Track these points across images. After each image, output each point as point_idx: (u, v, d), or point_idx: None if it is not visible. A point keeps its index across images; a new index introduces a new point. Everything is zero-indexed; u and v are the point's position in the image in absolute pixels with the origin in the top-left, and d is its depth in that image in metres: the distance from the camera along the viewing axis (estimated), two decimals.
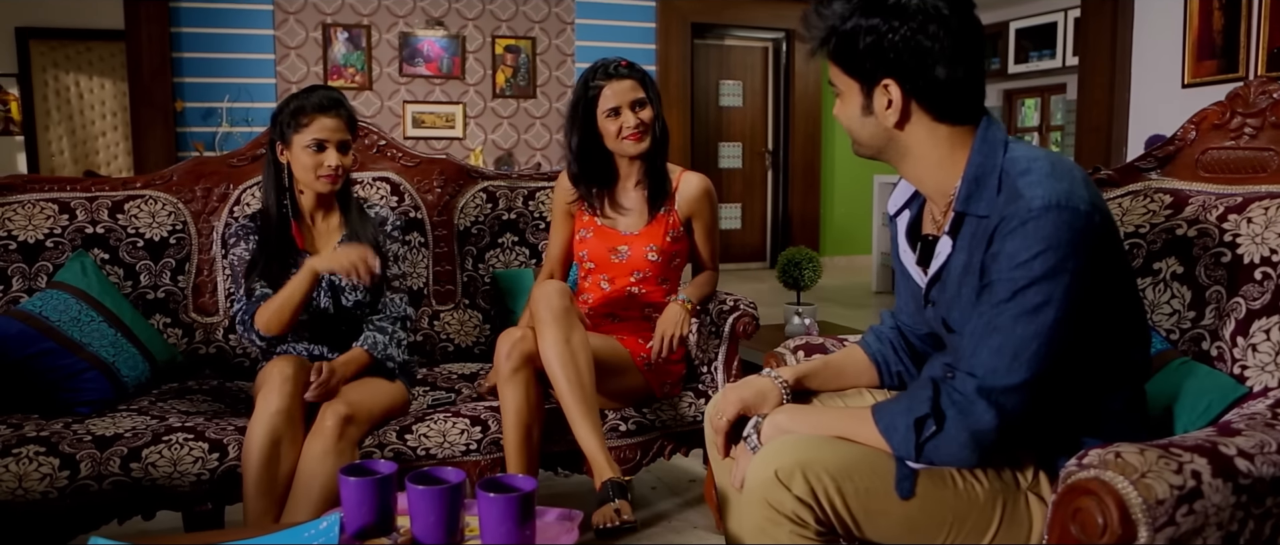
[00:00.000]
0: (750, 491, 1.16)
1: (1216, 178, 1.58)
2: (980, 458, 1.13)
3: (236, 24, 6.05)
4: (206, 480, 1.83)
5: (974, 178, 1.18)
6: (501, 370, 1.95)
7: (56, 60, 7.76)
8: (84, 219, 2.26)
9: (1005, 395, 1.10)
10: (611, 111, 2.14)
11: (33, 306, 2.04)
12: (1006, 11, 7.36)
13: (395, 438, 1.95)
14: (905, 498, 1.15)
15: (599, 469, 1.90)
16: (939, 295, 1.27)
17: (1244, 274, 1.42)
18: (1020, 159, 1.16)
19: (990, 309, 1.12)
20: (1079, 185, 1.12)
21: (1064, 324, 1.09)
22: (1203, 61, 4.30)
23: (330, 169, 2.00)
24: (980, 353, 1.12)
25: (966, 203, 1.18)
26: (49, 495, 1.75)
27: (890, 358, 1.46)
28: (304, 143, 1.99)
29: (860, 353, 1.49)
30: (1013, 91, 7.95)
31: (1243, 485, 1.03)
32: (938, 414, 1.13)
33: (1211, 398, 1.32)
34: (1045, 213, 1.08)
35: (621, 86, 2.13)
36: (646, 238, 2.20)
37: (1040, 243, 1.08)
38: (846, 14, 1.18)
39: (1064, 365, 1.13)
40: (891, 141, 1.23)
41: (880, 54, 1.16)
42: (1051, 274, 1.08)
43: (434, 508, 1.30)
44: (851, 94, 1.22)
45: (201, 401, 2.12)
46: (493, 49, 6.64)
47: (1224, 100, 1.60)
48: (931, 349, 1.45)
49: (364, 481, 1.33)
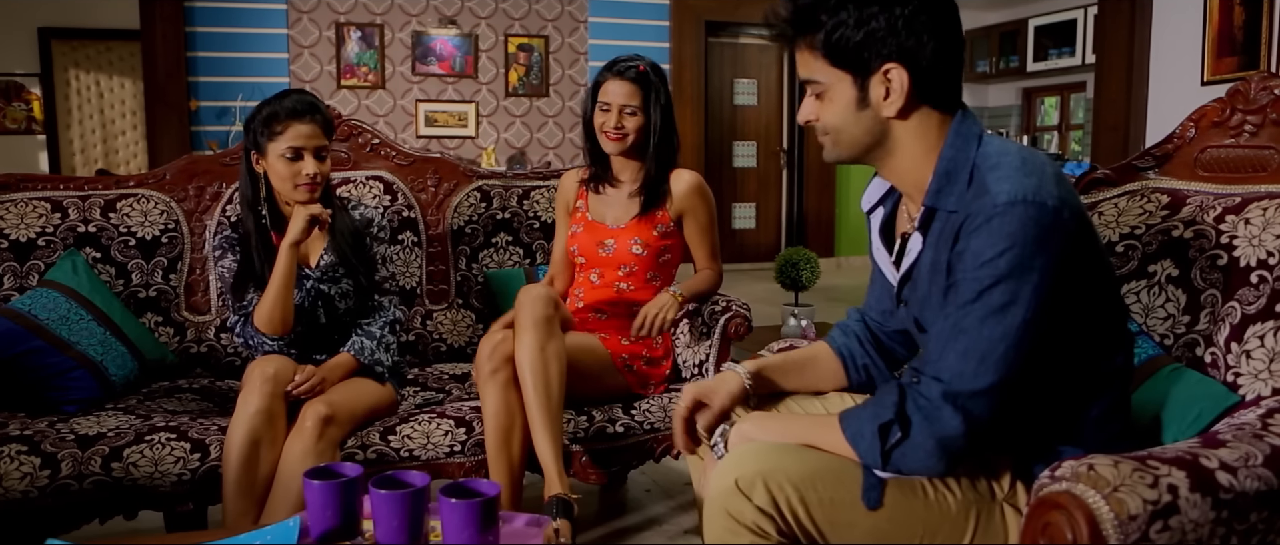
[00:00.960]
0: (711, 501, 1.13)
1: (1215, 177, 1.53)
2: (948, 465, 1.09)
3: (250, 23, 6.09)
4: (187, 480, 1.82)
5: (944, 172, 1.14)
6: (481, 371, 1.93)
7: (77, 60, 7.85)
8: (76, 217, 2.26)
9: (972, 400, 1.06)
10: (603, 105, 2.17)
11: (22, 305, 2.04)
12: (1026, 9, 7.25)
13: (378, 439, 1.93)
14: (872, 508, 1.11)
15: (550, 482, 1.87)
16: (911, 294, 1.23)
17: (1240, 277, 1.36)
18: (992, 153, 1.11)
19: (956, 310, 1.08)
20: (1049, 181, 1.07)
21: (1032, 324, 1.05)
22: (1223, 58, 4.20)
23: (308, 178, 1.94)
24: (946, 356, 1.08)
25: (936, 197, 1.14)
26: (29, 494, 1.74)
27: (856, 351, 1.42)
28: (279, 151, 1.93)
29: (826, 348, 1.45)
30: (1032, 90, 7.84)
31: (1223, 500, 0.98)
32: (903, 420, 1.09)
33: (1202, 406, 1.27)
34: (1010, 208, 1.04)
35: (620, 87, 2.16)
36: (632, 231, 2.20)
37: (1005, 240, 1.04)
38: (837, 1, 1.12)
39: (1035, 368, 1.08)
40: (885, 136, 1.17)
41: (884, 38, 1.11)
42: (1017, 272, 1.04)
43: (397, 512, 1.27)
44: (840, 88, 1.15)
45: (190, 400, 2.12)
46: (505, 47, 6.63)
47: (1224, 96, 1.54)
48: (900, 347, 1.41)
49: (327, 484, 1.31)
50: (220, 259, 2.03)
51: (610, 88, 2.16)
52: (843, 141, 1.19)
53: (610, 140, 2.17)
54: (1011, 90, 7.98)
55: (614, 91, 2.15)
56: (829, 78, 1.16)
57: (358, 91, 6.36)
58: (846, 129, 1.17)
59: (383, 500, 1.27)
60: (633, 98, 2.15)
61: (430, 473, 1.95)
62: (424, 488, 1.30)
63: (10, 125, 7.69)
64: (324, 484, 1.31)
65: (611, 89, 2.16)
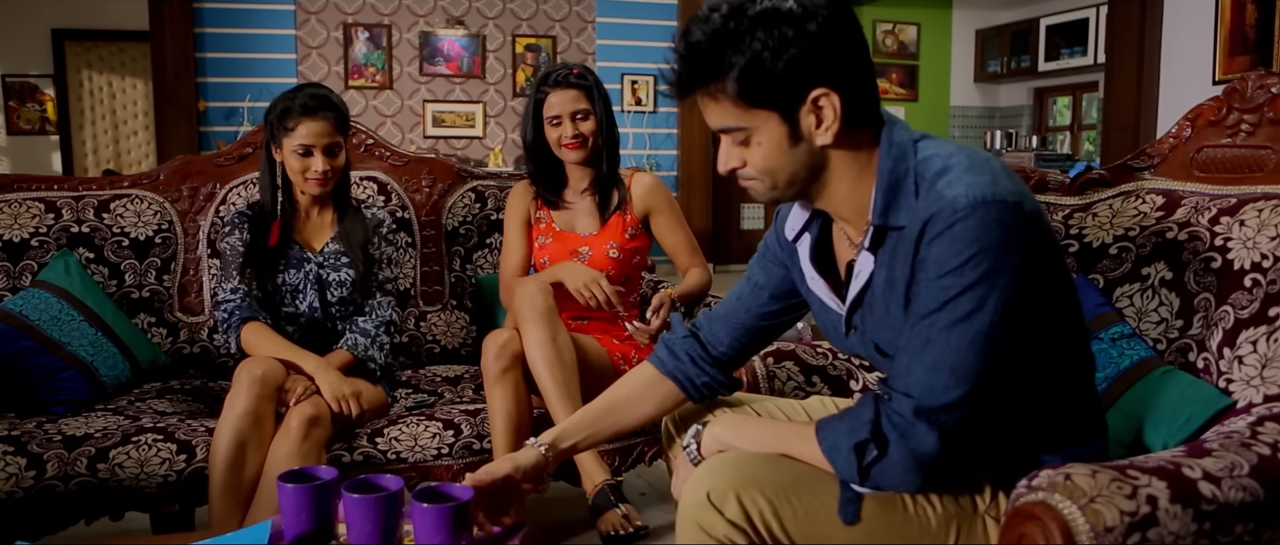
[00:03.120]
0: (682, 513, 1.10)
1: (1211, 177, 1.49)
2: (926, 480, 1.06)
3: (259, 24, 6.11)
4: (173, 481, 1.82)
5: (888, 187, 1.07)
6: (489, 372, 1.92)
7: (90, 61, 7.91)
8: (70, 218, 2.27)
9: (946, 413, 1.02)
10: (553, 119, 2.15)
11: (13, 305, 2.04)
12: (1037, 8, 7.19)
13: (366, 441, 1.92)
14: (849, 523, 1.08)
15: (589, 473, 1.87)
16: (864, 319, 1.16)
17: (1233, 281, 1.33)
18: (933, 158, 1.05)
19: (921, 321, 1.03)
20: (1001, 177, 1.02)
21: (1000, 328, 1.00)
22: (1235, 57, 4.14)
23: (318, 174, 1.99)
24: (914, 370, 1.03)
25: (884, 214, 1.07)
26: (14, 495, 1.74)
27: (692, 372, 1.36)
28: (292, 147, 1.98)
29: (650, 374, 1.38)
30: (1044, 89, 7.77)
31: (1206, 512, 0.95)
32: (879, 439, 1.05)
33: (1192, 409, 1.24)
34: (972, 211, 0.98)
35: (565, 96, 2.13)
36: (606, 236, 2.20)
37: (971, 245, 0.98)
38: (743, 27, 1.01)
39: (1008, 372, 1.04)
40: (822, 167, 1.08)
41: (806, 61, 1.02)
42: (985, 277, 0.99)
43: (369, 516, 1.26)
44: (766, 129, 1.05)
45: (181, 401, 2.11)
46: (513, 48, 6.63)
47: (1221, 95, 1.51)
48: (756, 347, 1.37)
49: (300, 488, 1.30)
50: (228, 234, 2.05)
51: (554, 100, 2.14)
52: (781, 182, 1.09)
53: (571, 150, 2.16)
54: (1023, 90, 7.91)
55: (560, 102, 2.13)
56: (749, 121, 1.06)
57: (365, 92, 6.37)
58: (783, 168, 1.08)
59: (355, 504, 1.26)
60: (580, 102, 2.14)
61: (417, 476, 1.95)
62: (397, 492, 1.28)
63: (24, 126, 7.76)
64: (297, 487, 1.30)
65: (556, 101, 2.14)
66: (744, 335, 1.36)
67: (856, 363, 1.68)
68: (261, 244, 2.04)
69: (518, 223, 2.28)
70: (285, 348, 1.94)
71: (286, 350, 1.93)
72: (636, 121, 6.84)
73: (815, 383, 1.62)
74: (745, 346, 1.37)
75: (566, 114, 2.13)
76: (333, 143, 2.00)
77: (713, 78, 1.05)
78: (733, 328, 1.36)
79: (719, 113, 1.07)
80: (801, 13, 1.01)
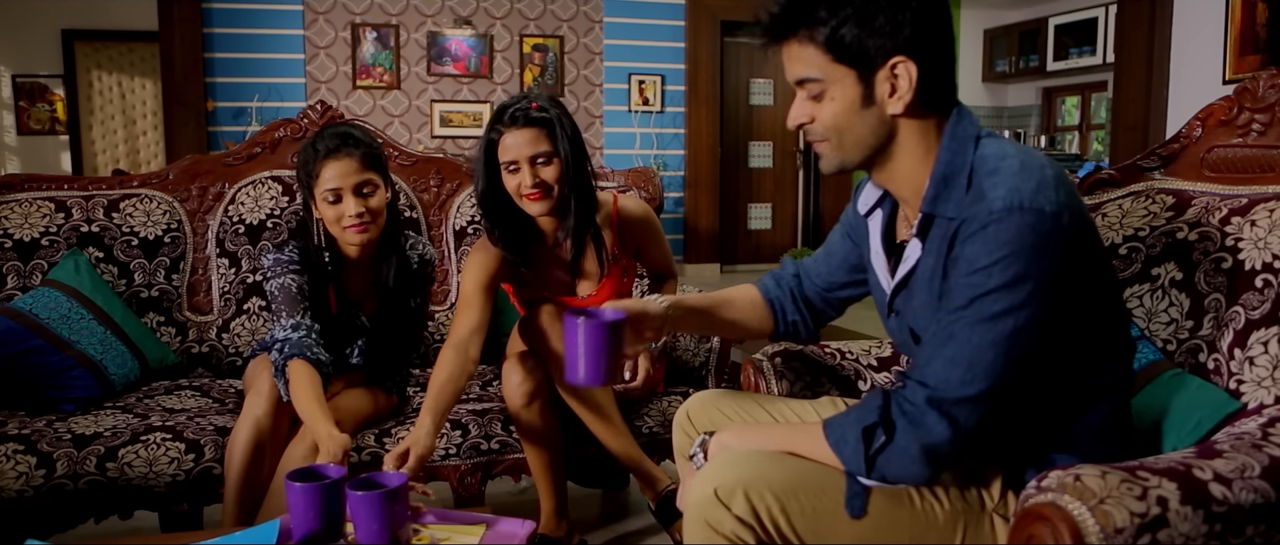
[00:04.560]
0: (689, 510, 1.10)
1: (1222, 177, 1.48)
2: (933, 472, 1.06)
3: (267, 24, 6.12)
4: (182, 481, 1.82)
5: (942, 176, 1.09)
6: (514, 404, 1.90)
7: (100, 61, 7.93)
8: (79, 217, 2.27)
9: (958, 407, 1.03)
10: (510, 165, 1.83)
11: (23, 304, 2.05)
12: (1046, 7, 7.16)
13: (373, 441, 1.93)
14: (856, 517, 1.08)
15: (651, 480, 1.93)
16: (905, 304, 1.19)
17: (1245, 281, 1.32)
18: (990, 157, 1.07)
19: (947, 315, 1.05)
20: (1048, 185, 1.03)
21: (1025, 333, 1.01)
22: (1245, 57, 4.12)
23: (354, 219, 1.82)
24: (934, 362, 1.05)
25: (934, 203, 1.10)
26: (24, 494, 1.75)
27: (787, 305, 1.43)
28: (321, 195, 1.83)
29: (755, 293, 1.45)
30: (1052, 89, 7.74)
31: (1216, 513, 0.95)
32: (887, 424, 1.06)
33: (1202, 414, 1.23)
34: (1007, 215, 1.00)
35: (520, 137, 1.81)
36: (606, 291, 2.00)
37: (1002, 248, 1.00)
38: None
39: (1028, 377, 1.05)
40: (890, 137, 1.12)
41: (892, 31, 1.06)
42: (1014, 281, 1.00)
43: (374, 513, 1.27)
44: (842, 86, 1.09)
45: (189, 399, 2.12)
46: (521, 48, 6.63)
47: (1232, 95, 1.50)
48: (833, 310, 1.44)
49: (308, 487, 1.30)
50: (276, 278, 1.89)
51: (509, 142, 1.81)
52: (847, 144, 1.12)
53: (533, 201, 1.83)
54: (1031, 90, 7.88)
55: (516, 145, 1.81)
56: (829, 75, 1.09)
57: (373, 92, 6.38)
58: (851, 129, 1.11)
59: (360, 502, 1.26)
60: (540, 143, 1.82)
61: (425, 475, 1.95)
62: (401, 487, 1.29)
63: (35, 126, 7.79)
64: (304, 486, 1.30)
65: (511, 143, 1.81)
66: (819, 296, 1.44)
67: (865, 363, 1.68)
68: (321, 307, 1.92)
69: (479, 291, 1.91)
70: (312, 405, 1.73)
71: (311, 409, 1.73)
72: (644, 121, 6.84)
73: (824, 383, 1.61)
74: (823, 305, 1.44)
75: (524, 158, 1.81)
76: (363, 181, 1.84)
77: (805, 24, 1.09)
78: (815, 285, 1.43)
79: (803, 61, 1.11)
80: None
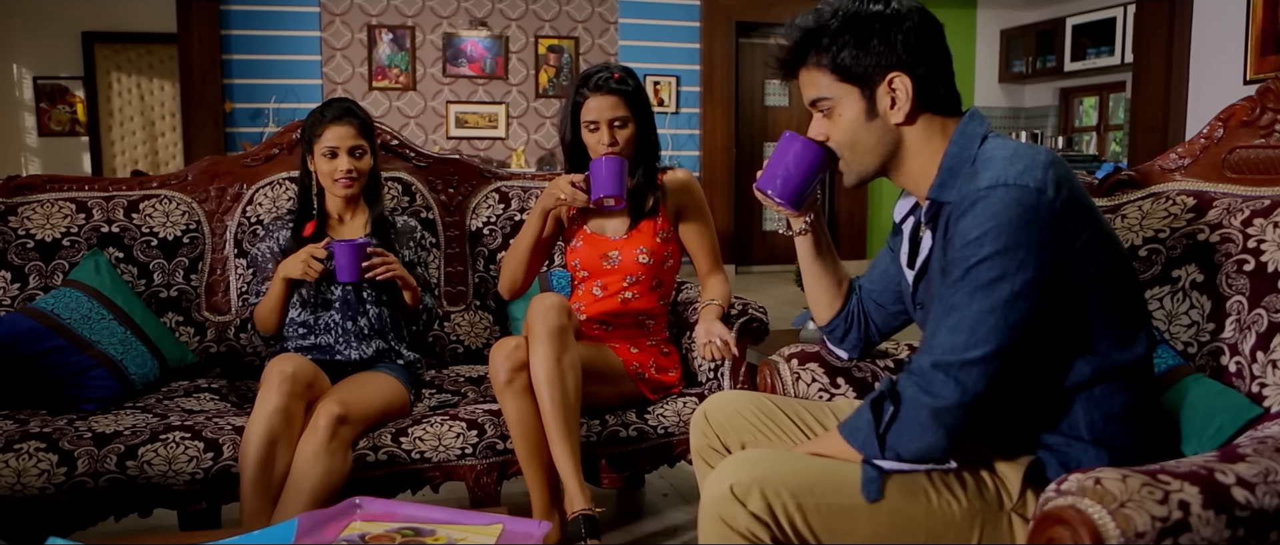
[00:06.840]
0: (704, 507, 1.11)
1: (1244, 179, 1.47)
2: (946, 440, 1.09)
3: (284, 26, 6.17)
4: (201, 479, 1.84)
5: (948, 168, 1.18)
6: (497, 381, 1.91)
7: (119, 63, 8.00)
8: (100, 218, 2.30)
9: (964, 370, 1.07)
10: (591, 125, 2.08)
11: (45, 304, 2.07)
12: (1063, 7, 7.12)
13: (390, 440, 1.93)
14: (872, 501, 1.09)
15: (572, 497, 1.85)
16: (926, 294, 1.25)
17: (1267, 283, 1.31)
18: (990, 149, 1.16)
19: (947, 289, 1.11)
20: (1037, 167, 1.09)
21: (1023, 297, 1.06)
22: (1267, 56, 4.08)
23: (343, 173, 2.12)
24: (939, 333, 1.10)
25: (940, 191, 1.18)
26: (46, 491, 1.76)
27: (855, 313, 1.51)
28: (320, 151, 2.13)
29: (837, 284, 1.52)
30: (1070, 90, 7.69)
31: (1239, 518, 0.94)
32: (895, 395, 1.11)
33: (1223, 419, 1.22)
34: (991, 191, 1.07)
35: (604, 102, 2.06)
36: (636, 240, 2.15)
37: (989, 220, 1.07)
38: (841, 19, 1.20)
39: (1032, 347, 1.09)
40: (897, 144, 1.23)
41: (885, 53, 1.18)
42: (1005, 249, 1.06)
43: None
44: (848, 101, 1.22)
45: (208, 399, 2.13)
46: (536, 49, 6.65)
47: (1254, 95, 1.49)
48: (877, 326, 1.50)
49: (345, 244, 1.97)
50: (262, 240, 2.20)
51: (593, 104, 2.06)
52: (859, 154, 1.24)
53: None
54: (1049, 90, 7.83)
55: (598, 108, 2.06)
56: (836, 93, 1.23)
57: (389, 93, 6.42)
58: (861, 140, 1.23)
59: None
60: (619, 109, 2.07)
61: (442, 475, 1.97)
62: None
63: (55, 127, 7.86)
64: (344, 243, 1.97)
65: (594, 106, 2.06)
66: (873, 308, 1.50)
67: (881, 365, 1.67)
68: (299, 241, 2.14)
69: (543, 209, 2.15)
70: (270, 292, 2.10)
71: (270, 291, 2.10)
72: (659, 122, 6.84)
73: (839, 385, 1.61)
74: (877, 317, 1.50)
75: (604, 121, 2.06)
76: (356, 146, 2.13)
77: (813, 51, 1.23)
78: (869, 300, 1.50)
79: (814, 84, 1.24)
80: (891, 15, 1.19)
